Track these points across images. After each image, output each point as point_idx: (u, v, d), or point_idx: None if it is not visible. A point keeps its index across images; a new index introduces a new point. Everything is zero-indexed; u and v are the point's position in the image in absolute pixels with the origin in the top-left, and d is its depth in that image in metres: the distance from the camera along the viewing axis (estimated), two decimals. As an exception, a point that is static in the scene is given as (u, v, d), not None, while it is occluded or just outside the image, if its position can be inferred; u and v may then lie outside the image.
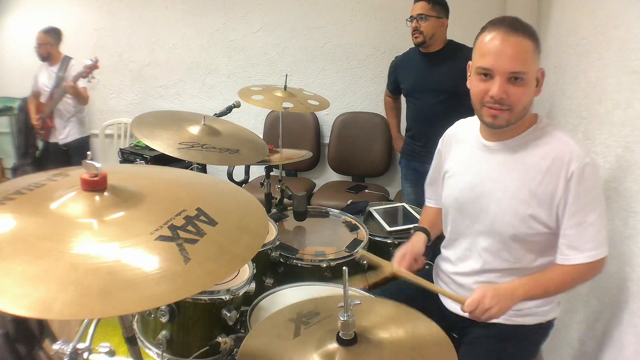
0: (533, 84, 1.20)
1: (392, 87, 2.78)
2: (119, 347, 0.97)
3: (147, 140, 1.62)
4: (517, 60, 1.15)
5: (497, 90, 1.16)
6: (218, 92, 3.75)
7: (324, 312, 1.09)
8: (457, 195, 1.37)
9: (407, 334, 1.01)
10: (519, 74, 1.15)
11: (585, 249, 1.18)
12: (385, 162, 3.45)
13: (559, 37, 2.16)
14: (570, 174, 1.16)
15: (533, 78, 1.19)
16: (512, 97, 1.17)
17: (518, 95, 1.17)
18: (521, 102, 1.18)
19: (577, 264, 1.19)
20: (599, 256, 1.18)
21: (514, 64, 1.15)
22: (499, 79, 1.16)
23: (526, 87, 1.17)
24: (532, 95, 1.21)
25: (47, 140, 3.41)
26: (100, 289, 0.61)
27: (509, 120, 1.20)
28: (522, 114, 1.21)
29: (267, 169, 2.22)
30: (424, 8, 2.36)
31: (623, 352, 1.25)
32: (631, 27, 1.35)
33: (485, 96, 1.19)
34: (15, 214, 0.72)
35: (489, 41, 1.18)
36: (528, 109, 1.22)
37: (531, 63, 1.16)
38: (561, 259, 1.22)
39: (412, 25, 2.39)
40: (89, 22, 3.73)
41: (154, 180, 0.91)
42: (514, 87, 1.16)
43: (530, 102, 1.21)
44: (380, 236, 1.99)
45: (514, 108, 1.18)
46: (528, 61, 1.16)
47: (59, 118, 3.33)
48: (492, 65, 1.17)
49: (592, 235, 1.18)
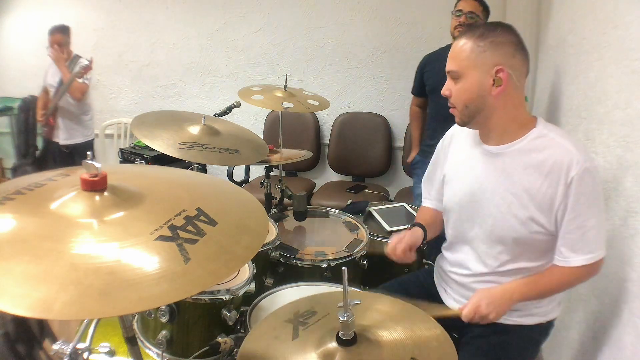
0: (473, 82, 1.21)
1: (418, 87, 2.73)
2: (119, 347, 0.97)
3: (147, 140, 1.62)
4: (451, 60, 1.25)
5: (443, 88, 1.28)
6: (218, 92, 3.75)
7: (321, 311, 1.09)
8: (457, 199, 1.37)
9: (406, 333, 1.01)
10: (451, 72, 1.25)
11: (584, 251, 1.19)
12: (385, 162, 3.45)
13: (559, 37, 2.16)
14: (570, 179, 1.16)
15: (473, 76, 1.21)
16: (453, 95, 1.26)
17: (456, 92, 1.25)
18: (459, 100, 1.25)
19: (576, 266, 1.20)
20: (597, 258, 1.20)
21: (448, 64, 1.26)
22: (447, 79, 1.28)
23: (461, 84, 1.23)
24: (477, 93, 1.22)
25: (50, 139, 3.36)
26: (100, 289, 0.61)
27: (460, 118, 1.28)
28: (467, 111, 1.25)
29: (267, 169, 2.22)
30: (477, 8, 2.33)
31: (623, 352, 1.24)
32: (631, 27, 1.35)
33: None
34: (15, 214, 0.72)
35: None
36: (478, 107, 1.23)
37: (467, 61, 1.21)
38: (560, 261, 1.22)
39: (460, 19, 2.34)
40: (89, 22, 3.74)
41: (154, 180, 0.91)
42: (454, 85, 1.26)
43: (477, 100, 1.22)
44: (380, 236, 1.99)
45: (456, 105, 1.27)
46: (461, 59, 1.22)
47: (62, 118, 3.28)
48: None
49: (592, 239, 1.18)
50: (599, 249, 1.20)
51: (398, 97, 3.46)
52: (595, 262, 1.19)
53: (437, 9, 3.23)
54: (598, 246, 1.19)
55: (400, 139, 3.47)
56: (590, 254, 1.19)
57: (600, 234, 1.19)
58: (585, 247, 1.19)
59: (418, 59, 3.37)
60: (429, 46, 3.28)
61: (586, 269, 1.20)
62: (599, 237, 1.19)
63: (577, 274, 1.21)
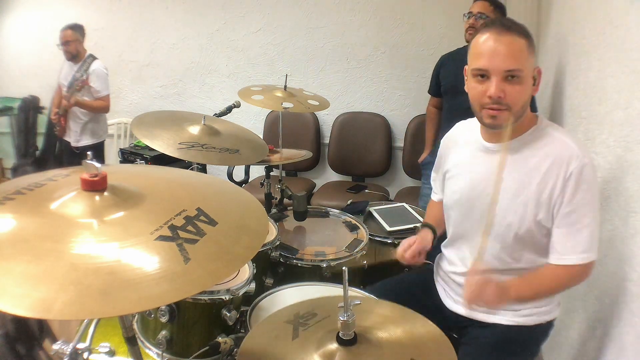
0: (529, 82, 1.19)
1: (434, 86, 2.73)
2: (119, 347, 0.97)
3: (147, 140, 1.62)
4: (512, 58, 1.15)
5: (494, 89, 1.16)
6: (218, 92, 3.75)
7: (322, 313, 1.09)
8: (458, 196, 1.37)
9: (406, 334, 1.02)
10: (514, 71, 1.15)
11: (577, 250, 1.18)
12: (385, 162, 3.45)
13: (559, 37, 2.16)
14: (569, 173, 1.16)
15: (529, 76, 1.19)
16: (509, 96, 1.16)
17: (515, 94, 1.16)
18: (519, 101, 1.18)
19: (570, 264, 1.19)
20: (589, 259, 1.19)
21: (508, 62, 1.15)
22: (495, 78, 1.16)
23: (523, 85, 1.17)
24: (530, 93, 1.21)
25: (62, 138, 3.33)
26: (100, 289, 0.61)
27: (513, 119, 1.19)
28: (521, 112, 1.20)
29: (267, 169, 2.22)
30: (486, 9, 2.33)
31: (623, 352, 1.24)
32: (631, 27, 1.35)
33: (483, 97, 1.19)
34: (15, 214, 0.72)
35: (482, 42, 1.19)
36: (526, 108, 1.22)
37: (525, 61, 1.16)
38: (554, 259, 1.22)
39: (469, 21, 2.35)
40: (89, 22, 3.72)
41: (154, 180, 0.91)
42: (511, 86, 1.16)
43: (528, 100, 1.21)
44: (380, 236, 1.99)
45: (512, 107, 1.18)
46: (522, 59, 1.16)
47: (73, 121, 3.24)
48: (488, 66, 1.17)
49: (585, 237, 1.18)
50: (592, 251, 1.19)
51: (398, 97, 3.46)
52: (587, 262, 1.19)
53: (437, 9, 3.23)
54: (591, 247, 1.18)
55: (400, 139, 3.47)
56: (584, 254, 1.18)
57: (593, 236, 1.19)
58: (578, 245, 1.18)
59: (418, 59, 3.38)
60: (429, 46, 3.30)
61: (579, 269, 1.19)
62: (593, 238, 1.19)
63: (570, 274, 1.21)
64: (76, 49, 3.16)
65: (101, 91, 3.16)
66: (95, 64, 3.17)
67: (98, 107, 3.20)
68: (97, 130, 3.32)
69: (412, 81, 3.39)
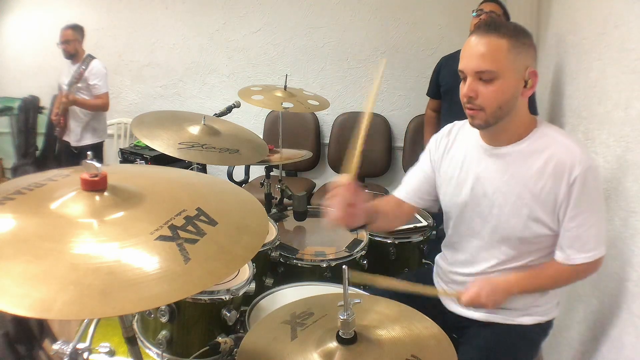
0: (512, 84, 1.17)
1: (434, 88, 2.74)
2: (119, 347, 0.97)
3: (147, 140, 1.62)
4: (484, 59, 1.14)
5: (465, 89, 1.18)
6: (218, 92, 3.75)
7: (318, 312, 1.09)
8: (459, 199, 1.36)
9: (406, 333, 1.02)
10: (485, 72, 1.15)
11: (584, 249, 1.19)
12: (385, 162, 3.45)
13: (559, 37, 2.16)
14: (573, 179, 1.16)
15: (511, 77, 1.16)
16: (482, 97, 1.16)
17: (488, 94, 1.16)
18: (494, 102, 1.16)
19: (577, 264, 1.20)
20: (597, 256, 1.20)
21: (479, 63, 1.15)
22: (469, 79, 1.17)
23: (498, 86, 1.15)
24: (512, 94, 1.18)
25: (62, 139, 3.33)
26: (100, 289, 0.61)
27: (487, 121, 1.19)
28: (500, 113, 1.18)
29: (267, 169, 2.22)
30: (497, 9, 2.34)
31: (623, 352, 1.25)
32: (631, 27, 1.35)
33: (463, 98, 1.21)
34: (15, 214, 0.72)
35: (465, 45, 1.20)
36: (509, 109, 1.19)
37: (504, 61, 1.14)
38: (561, 258, 1.23)
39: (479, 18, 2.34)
40: (89, 22, 3.72)
41: (154, 180, 0.91)
42: (484, 87, 1.16)
43: (511, 102, 1.18)
44: (380, 236, 1.99)
45: (486, 108, 1.17)
46: (499, 59, 1.14)
47: (73, 120, 3.24)
48: (463, 67, 1.19)
49: (593, 237, 1.19)
50: (599, 247, 1.20)
51: (398, 97, 3.46)
52: (595, 260, 1.20)
53: (437, 10, 3.24)
54: (598, 244, 1.20)
55: (400, 139, 3.47)
56: (591, 252, 1.19)
57: (600, 233, 1.20)
58: (585, 245, 1.19)
59: (418, 59, 3.38)
60: (429, 47, 3.30)
61: (586, 266, 1.21)
62: (600, 236, 1.20)
63: (577, 271, 1.22)
64: (75, 48, 3.18)
65: (100, 88, 3.17)
66: (94, 63, 3.20)
67: (97, 105, 3.21)
68: (98, 129, 3.33)
69: (412, 81, 3.39)
